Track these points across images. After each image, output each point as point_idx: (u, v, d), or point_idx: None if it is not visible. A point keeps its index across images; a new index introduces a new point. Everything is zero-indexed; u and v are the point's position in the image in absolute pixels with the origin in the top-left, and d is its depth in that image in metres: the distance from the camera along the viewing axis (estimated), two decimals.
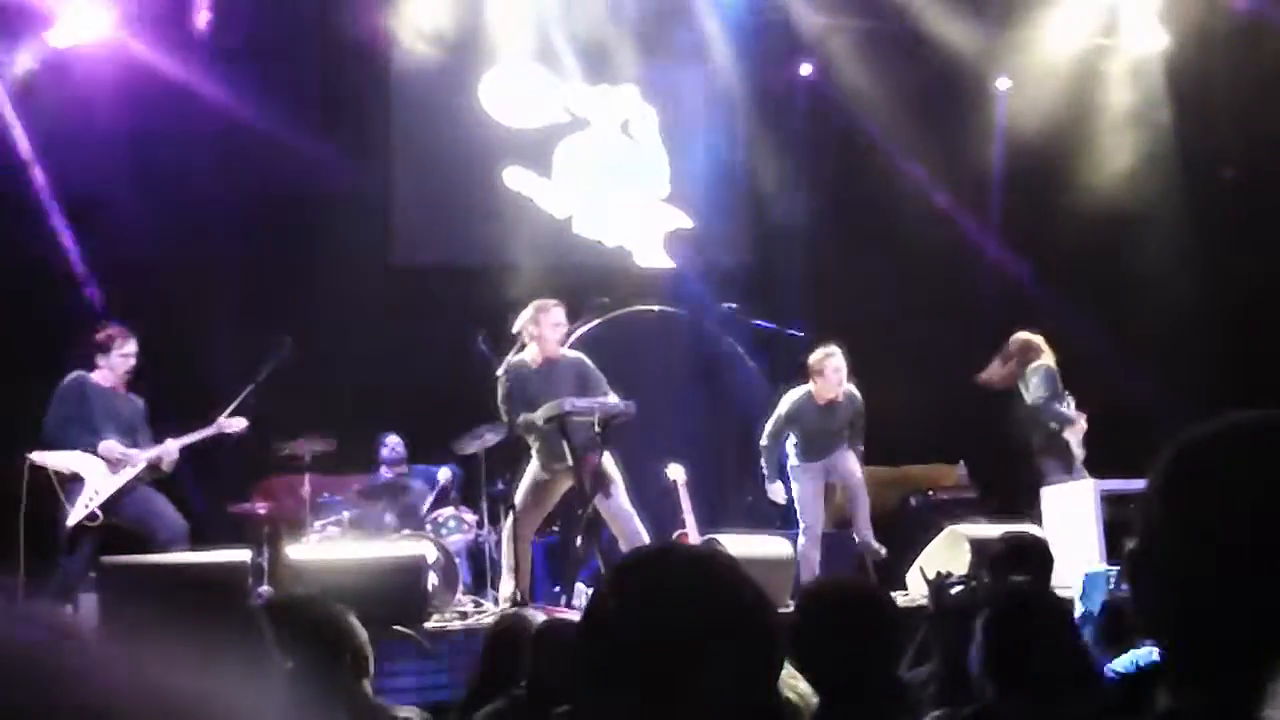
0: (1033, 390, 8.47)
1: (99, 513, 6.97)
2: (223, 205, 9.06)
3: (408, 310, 9.65)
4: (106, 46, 8.80)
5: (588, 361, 7.65)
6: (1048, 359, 8.56)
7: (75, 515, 6.94)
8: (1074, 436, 8.48)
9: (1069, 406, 8.46)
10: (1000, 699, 2.58)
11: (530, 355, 7.53)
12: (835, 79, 10.51)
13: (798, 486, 8.36)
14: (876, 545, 8.19)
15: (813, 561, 8.08)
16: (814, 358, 8.27)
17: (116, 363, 7.27)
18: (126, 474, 7.11)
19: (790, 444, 8.39)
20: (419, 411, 9.13)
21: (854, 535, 8.36)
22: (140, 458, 7.18)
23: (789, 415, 8.28)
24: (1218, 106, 10.09)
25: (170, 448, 7.28)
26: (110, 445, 7.10)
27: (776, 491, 8.40)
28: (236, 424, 7.41)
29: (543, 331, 7.44)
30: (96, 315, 7.82)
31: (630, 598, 1.37)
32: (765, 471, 8.45)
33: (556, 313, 7.48)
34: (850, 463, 8.36)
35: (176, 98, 8.99)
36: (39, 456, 6.93)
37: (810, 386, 8.27)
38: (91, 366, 7.27)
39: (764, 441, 8.40)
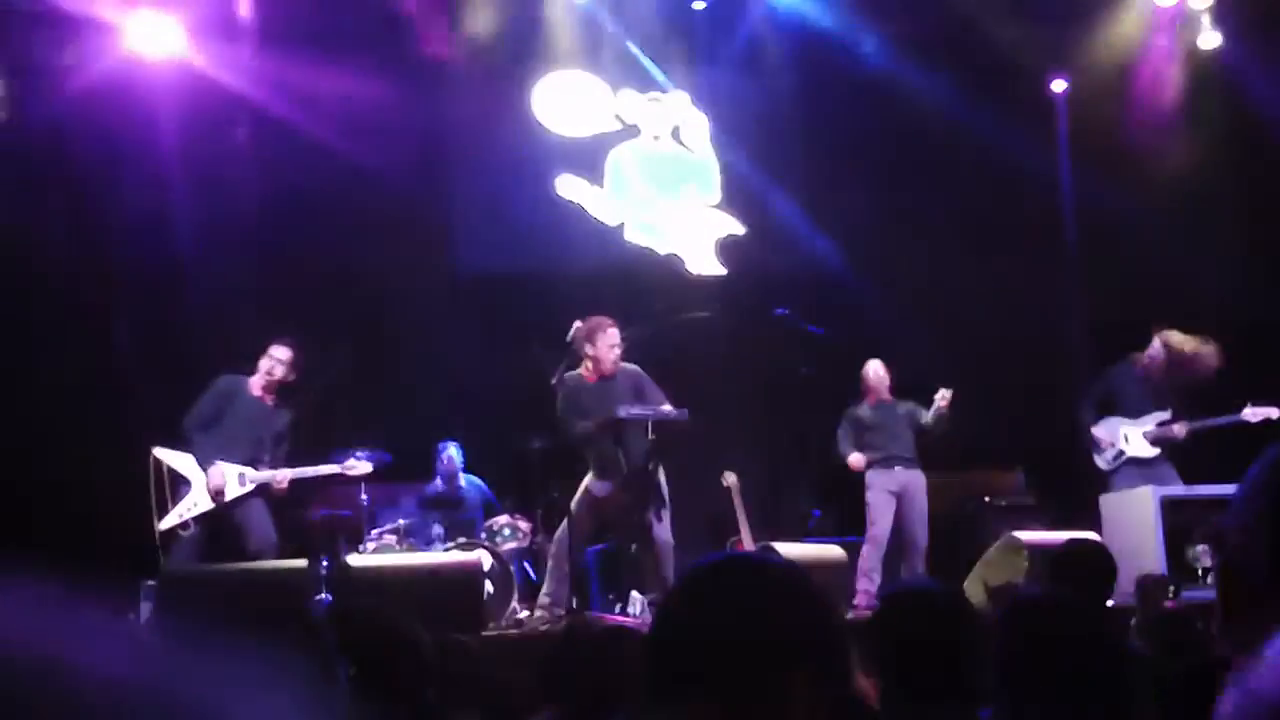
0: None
1: (192, 523, 7.09)
2: (284, 217, 9.15)
3: (465, 319, 9.71)
4: (172, 59, 8.93)
5: (643, 375, 7.66)
6: (1135, 359, 8.44)
7: (169, 520, 7.07)
8: (1094, 445, 8.39)
9: (1147, 417, 8.32)
10: (1012, 707, 2.54)
11: (585, 370, 7.55)
12: (892, 82, 10.45)
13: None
14: None
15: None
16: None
17: (275, 371, 7.41)
18: (231, 494, 7.23)
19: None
20: (476, 420, 9.17)
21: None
22: (248, 483, 7.28)
23: None
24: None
25: (281, 477, 7.37)
26: (216, 473, 7.19)
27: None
28: (363, 467, 7.53)
29: (599, 353, 7.46)
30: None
31: (705, 605, 1.38)
32: None
33: (613, 333, 7.49)
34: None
35: (236, 110, 9.12)
36: (160, 452, 7.07)
37: None
38: (253, 371, 7.45)
39: None
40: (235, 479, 7.26)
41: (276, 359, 7.42)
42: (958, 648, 2.52)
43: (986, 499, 9.18)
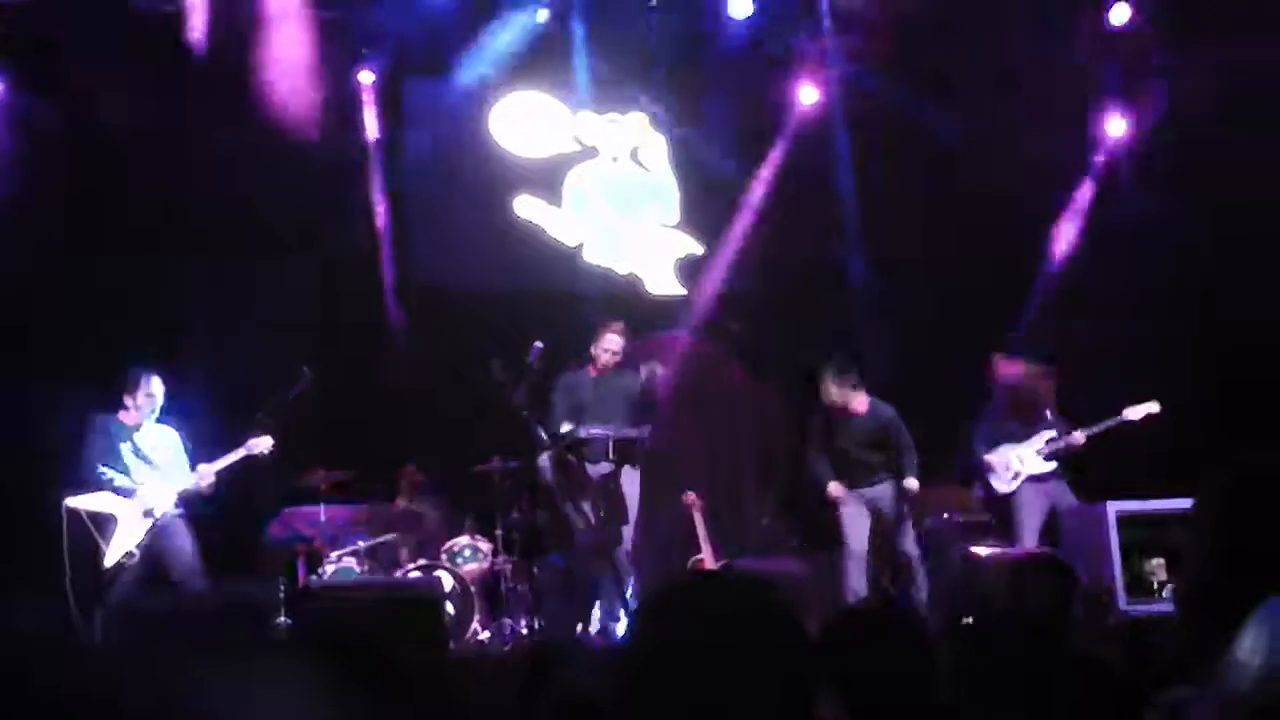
0: None
1: (135, 551, 7.13)
2: (238, 232, 9.11)
3: (424, 339, 9.69)
4: None
5: (640, 384, 7.99)
6: (994, 393, 8.77)
7: (112, 556, 7.10)
8: (991, 475, 8.56)
9: (1035, 438, 8.53)
10: None
11: (591, 365, 8.06)
12: (845, 105, 10.54)
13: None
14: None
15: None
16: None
17: (142, 402, 7.48)
18: (159, 512, 7.24)
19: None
20: (434, 440, 9.14)
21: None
22: (174, 493, 7.30)
23: None
24: None
25: (204, 473, 7.44)
26: (148, 489, 7.26)
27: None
28: (264, 444, 7.57)
29: (595, 351, 8.03)
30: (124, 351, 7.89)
31: (675, 624, 1.39)
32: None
33: (611, 338, 8.04)
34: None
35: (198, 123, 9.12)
36: (73, 501, 7.06)
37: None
38: (119, 407, 7.47)
39: None
40: (164, 495, 7.27)
41: (152, 394, 7.49)
42: (916, 666, 2.54)
43: (945, 515, 9.24)
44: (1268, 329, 9.27)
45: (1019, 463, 8.55)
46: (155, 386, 7.52)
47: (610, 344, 7.98)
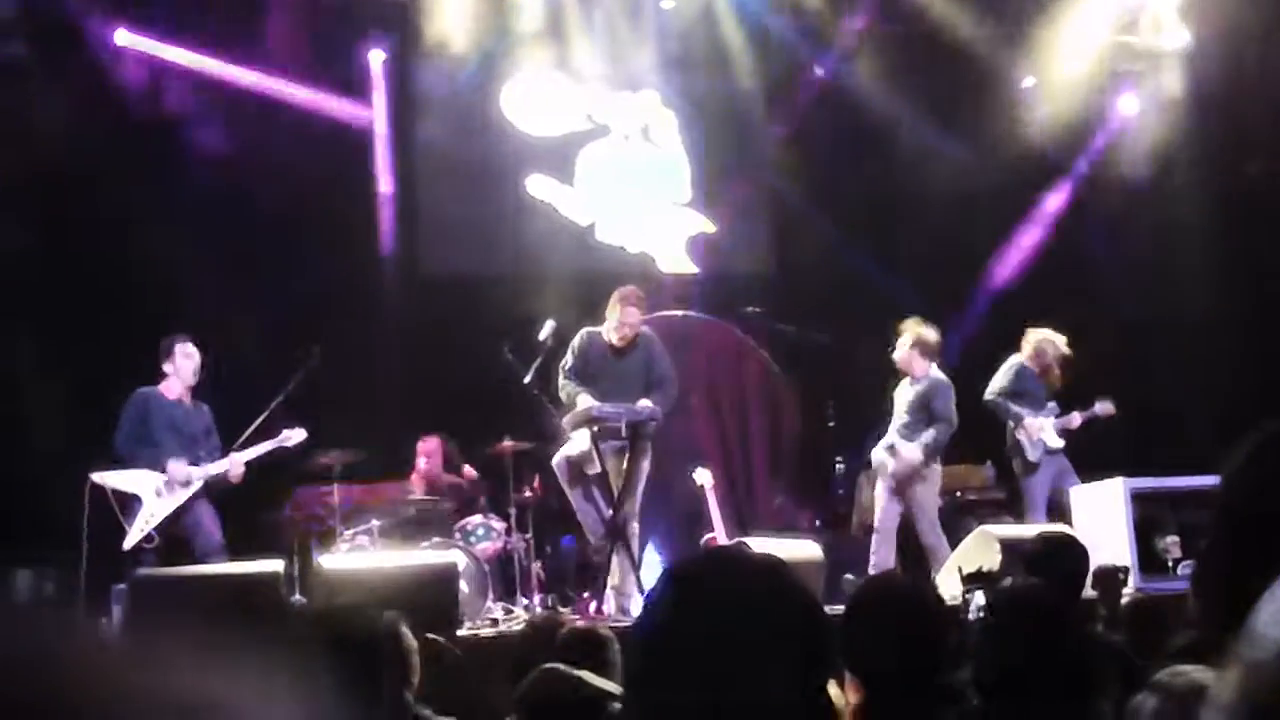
0: (992, 383, 8.62)
1: (155, 534, 7.10)
2: (253, 218, 9.11)
3: (436, 320, 9.69)
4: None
5: (656, 345, 7.87)
6: (1023, 355, 8.69)
7: (132, 538, 7.08)
8: (1025, 436, 8.51)
9: (1048, 408, 8.50)
10: (986, 705, 2.55)
11: (606, 329, 7.79)
12: (858, 82, 10.50)
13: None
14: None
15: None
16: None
17: (180, 364, 7.40)
18: (183, 494, 7.24)
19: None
20: (447, 421, 9.15)
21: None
22: (202, 476, 7.30)
23: None
24: (1244, 100, 10.02)
25: (236, 461, 7.41)
26: (176, 468, 7.23)
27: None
28: (298, 435, 7.57)
29: (610, 322, 7.74)
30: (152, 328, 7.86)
31: (689, 603, 1.38)
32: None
33: (629, 311, 7.70)
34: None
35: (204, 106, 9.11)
36: (99, 477, 7.05)
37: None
38: (157, 378, 7.41)
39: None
40: (193, 475, 7.27)
41: (191, 355, 7.41)
42: (927, 640, 2.54)
43: (958, 494, 9.23)
44: None
45: (1043, 432, 8.54)
46: (190, 349, 7.44)
47: (630, 317, 7.75)
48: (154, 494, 7.18)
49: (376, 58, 9.91)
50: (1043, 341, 8.66)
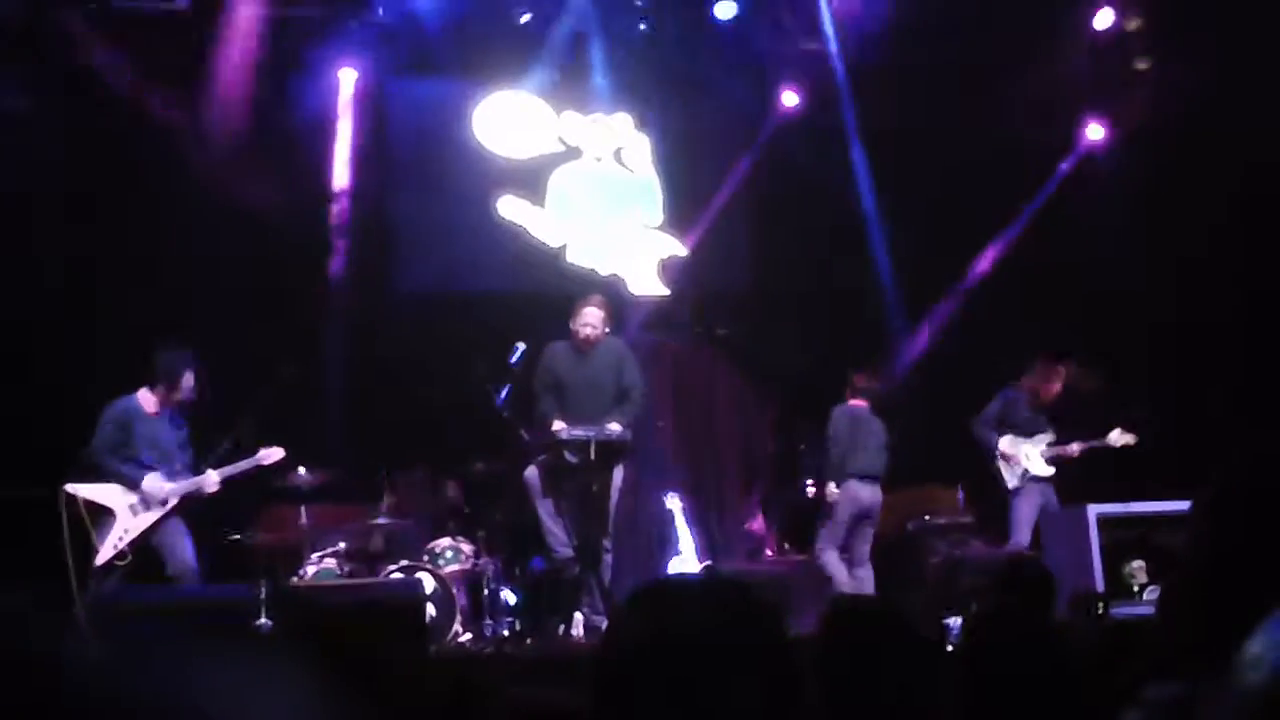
0: (983, 411, 8.78)
1: (128, 551, 7.00)
2: (223, 233, 9.06)
3: (406, 340, 9.65)
4: None
5: (626, 353, 8.02)
6: (1023, 384, 8.72)
7: (104, 554, 6.96)
8: (1003, 464, 8.58)
9: (1038, 438, 8.55)
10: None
11: (572, 342, 7.99)
12: (829, 108, 10.56)
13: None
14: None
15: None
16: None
17: (183, 394, 7.33)
18: (157, 511, 7.14)
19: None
20: (417, 442, 9.11)
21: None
22: (178, 494, 7.21)
23: None
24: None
25: (211, 480, 7.32)
26: (153, 485, 7.13)
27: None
28: (275, 454, 7.50)
29: (573, 326, 7.94)
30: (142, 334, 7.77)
31: (653, 624, 1.37)
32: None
33: (587, 311, 7.96)
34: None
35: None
36: (74, 488, 6.94)
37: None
38: (140, 386, 7.33)
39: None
40: (168, 491, 7.18)
41: (191, 385, 7.36)
42: (896, 660, 2.54)
43: (926, 517, 9.26)
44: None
45: (1027, 460, 8.56)
46: (190, 379, 7.35)
47: (589, 318, 7.89)
48: (128, 510, 7.07)
49: (348, 76, 9.89)
50: (1059, 367, 8.70)
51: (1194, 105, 9.49)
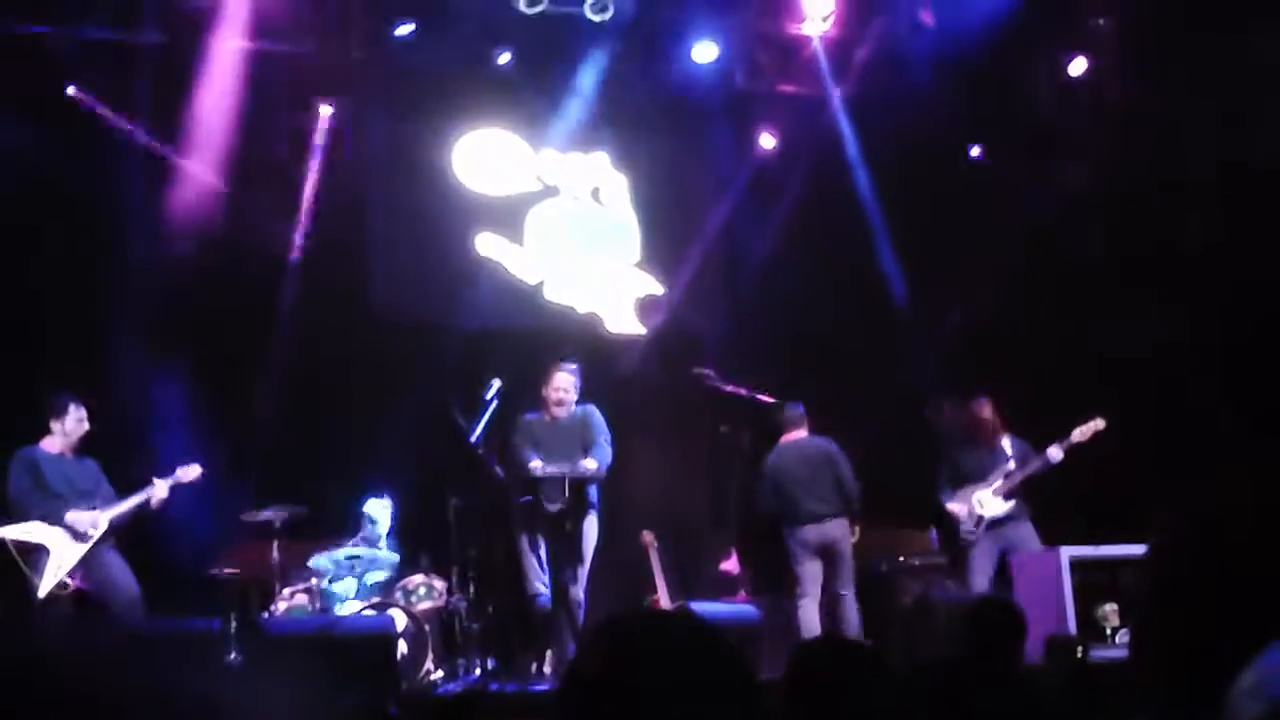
0: None
1: (69, 580, 6.99)
2: (200, 265, 9.04)
3: (382, 376, 9.62)
4: None
5: (593, 415, 8.02)
6: (955, 436, 8.84)
7: (45, 586, 6.94)
8: (955, 521, 8.58)
9: (991, 478, 8.55)
10: None
11: (544, 410, 8.02)
12: (808, 147, 10.64)
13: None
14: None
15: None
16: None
17: (71, 428, 7.40)
18: (89, 539, 7.14)
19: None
20: (391, 478, 9.06)
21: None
22: (108, 518, 7.21)
23: None
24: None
25: (160, 485, 7.40)
26: (77, 517, 7.13)
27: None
28: (191, 472, 7.54)
29: (546, 393, 7.99)
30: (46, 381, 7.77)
31: (617, 661, 1.38)
32: None
33: (558, 378, 7.99)
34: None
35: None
36: (1, 531, 6.93)
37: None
38: (42, 434, 7.38)
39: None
40: (95, 521, 7.21)
41: (82, 419, 7.42)
42: (867, 701, 2.54)
43: (899, 558, 9.25)
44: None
45: (980, 506, 8.52)
46: (82, 412, 7.45)
47: (559, 383, 7.94)
48: (59, 541, 7.08)
49: (326, 111, 9.89)
50: (968, 406, 8.70)
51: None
